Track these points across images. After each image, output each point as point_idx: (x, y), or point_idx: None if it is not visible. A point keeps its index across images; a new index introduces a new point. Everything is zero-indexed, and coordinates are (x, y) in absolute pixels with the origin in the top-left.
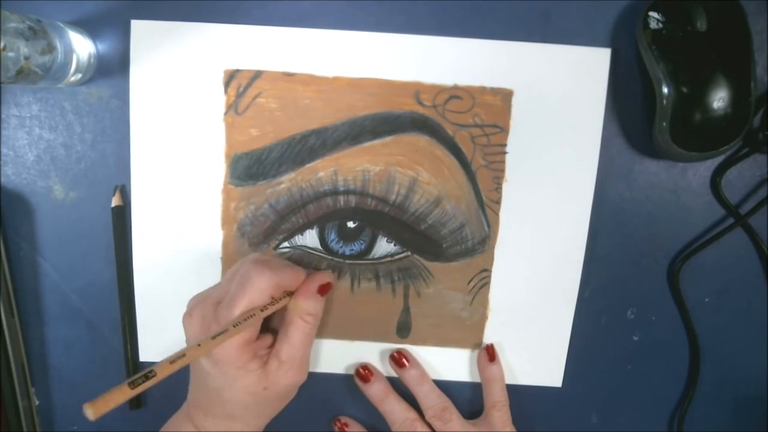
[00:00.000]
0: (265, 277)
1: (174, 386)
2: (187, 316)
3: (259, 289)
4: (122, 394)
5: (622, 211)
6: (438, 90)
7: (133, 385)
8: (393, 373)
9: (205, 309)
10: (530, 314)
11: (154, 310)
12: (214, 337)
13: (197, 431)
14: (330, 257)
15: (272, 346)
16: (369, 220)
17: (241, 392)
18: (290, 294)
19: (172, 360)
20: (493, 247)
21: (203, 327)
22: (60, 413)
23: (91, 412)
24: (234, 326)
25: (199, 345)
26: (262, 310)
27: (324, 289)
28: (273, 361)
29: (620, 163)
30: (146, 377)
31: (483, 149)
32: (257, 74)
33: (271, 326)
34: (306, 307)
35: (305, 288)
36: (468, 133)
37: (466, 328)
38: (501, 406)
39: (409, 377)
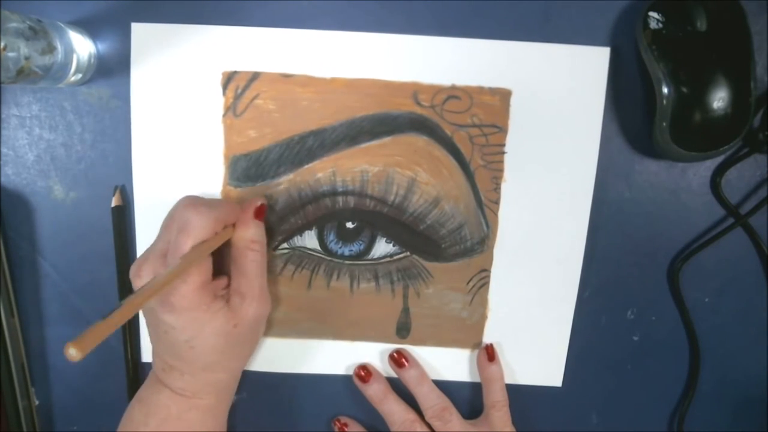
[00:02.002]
0: (203, 215)
1: None
2: (136, 276)
3: (200, 226)
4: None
5: (622, 211)
6: (436, 90)
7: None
8: (393, 374)
9: (154, 263)
10: (530, 314)
11: None
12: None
13: (178, 394)
14: (329, 258)
15: (228, 286)
16: (368, 220)
17: (212, 336)
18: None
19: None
20: (492, 247)
21: None
22: (60, 413)
23: (75, 351)
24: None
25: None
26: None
27: (259, 212)
28: (234, 297)
29: (620, 163)
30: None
31: (481, 149)
32: (255, 76)
33: (223, 269)
34: (249, 235)
35: (243, 217)
36: (466, 133)
37: (465, 328)
38: (501, 406)
39: (409, 377)
